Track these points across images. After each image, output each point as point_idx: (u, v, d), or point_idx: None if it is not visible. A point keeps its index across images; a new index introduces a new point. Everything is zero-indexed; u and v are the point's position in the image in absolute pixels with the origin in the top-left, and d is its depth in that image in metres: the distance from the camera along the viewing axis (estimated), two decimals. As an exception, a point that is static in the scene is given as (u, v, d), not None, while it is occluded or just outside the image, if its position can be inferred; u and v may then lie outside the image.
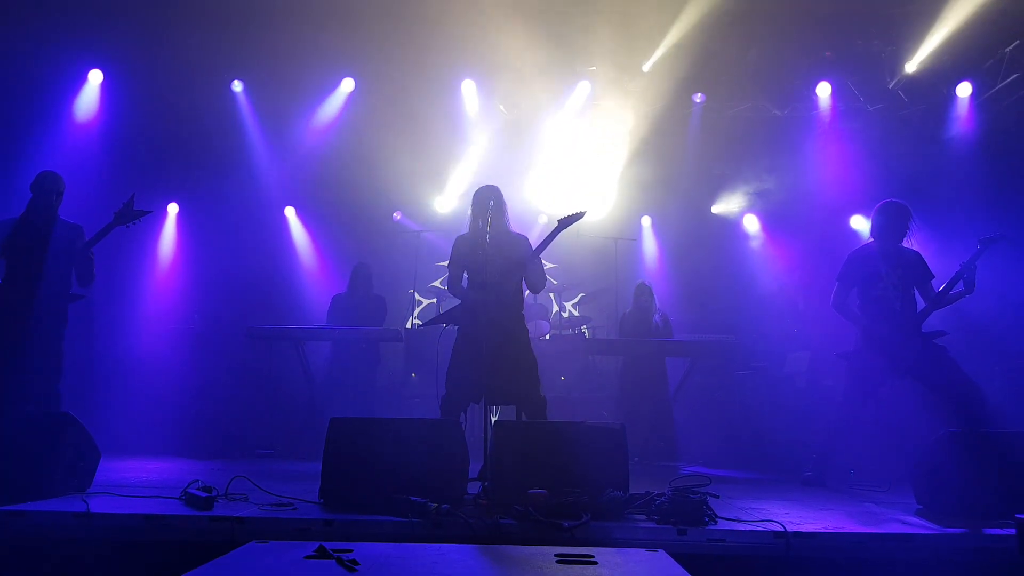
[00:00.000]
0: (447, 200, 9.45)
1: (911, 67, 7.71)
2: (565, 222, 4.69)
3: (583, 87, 8.57)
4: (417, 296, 9.61)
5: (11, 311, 4.57)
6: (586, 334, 8.84)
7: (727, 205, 9.56)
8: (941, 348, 4.76)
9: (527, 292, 4.82)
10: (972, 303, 4.95)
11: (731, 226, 9.59)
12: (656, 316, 6.93)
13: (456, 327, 4.80)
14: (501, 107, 8.92)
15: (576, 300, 9.93)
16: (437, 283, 9.63)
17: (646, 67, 8.18)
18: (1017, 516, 2.87)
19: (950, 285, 4.73)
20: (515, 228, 4.86)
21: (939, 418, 4.87)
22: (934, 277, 4.94)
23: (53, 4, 7.03)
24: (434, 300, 9.36)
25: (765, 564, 3.04)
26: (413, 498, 3.23)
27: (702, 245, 9.41)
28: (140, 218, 4.76)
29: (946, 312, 4.94)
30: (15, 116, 7.48)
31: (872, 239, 5.09)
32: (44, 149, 7.36)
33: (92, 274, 4.85)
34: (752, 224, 9.52)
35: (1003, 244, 4.71)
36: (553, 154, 9.06)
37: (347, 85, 8.53)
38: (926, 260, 5.00)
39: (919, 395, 5.07)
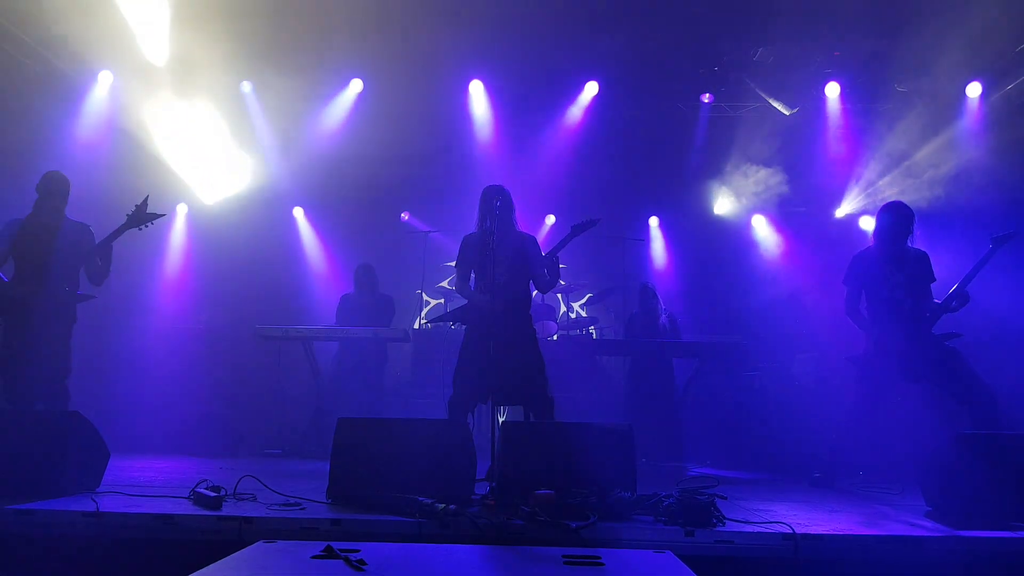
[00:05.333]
0: (455, 200, 9.46)
1: (920, 67, 7.67)
2: (579, 228, 4.69)
3: (591, 87, 8.57)
4: (425, 296, 9.63)
5: (19, 310, 4.59)
6: (593, 335, 8.83)
7: (735, 205, 9.53)
8: (953, 350, 4.73)
9: (535, 292, 4.81)
10: (981, 304, 4.92)
11: (739, 226, 9.56)
12: (663, 317, 6.91)
13: (464, 327, 4.80)
14: (509, 106, 8.93)
15: (584, 300, 9.92)
16: (445, 283, 9.64)
17: (652, 67, 8.18)
18: (1028, 519, 2.85)
19: (962, 286, 4.70)
20: (522, 228, 4.86)
21: (950, 420, 4.85)
22: (935, 280, 4.90)
23: None
24: (442, 300, 9.37)
25: (773, 566, 3.02)
26: (420, 498, 3.23)
27: (710, 245, 9.39)
28: (153, 220, 4.76)
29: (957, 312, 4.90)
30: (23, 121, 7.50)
31: (876, 240, 5.06)
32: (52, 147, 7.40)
33: (107, 271, 4.85)
34: (760, 224, 9.50)
35: (1016, 242, 4.67)
36: (561, 154, 9.05)
37: (355, 86, 8.55)
38: (935, 261, 4.96)
39: (930, 397, 5.04)
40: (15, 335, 4.59)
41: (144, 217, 4.72)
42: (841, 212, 8.98)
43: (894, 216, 4.94)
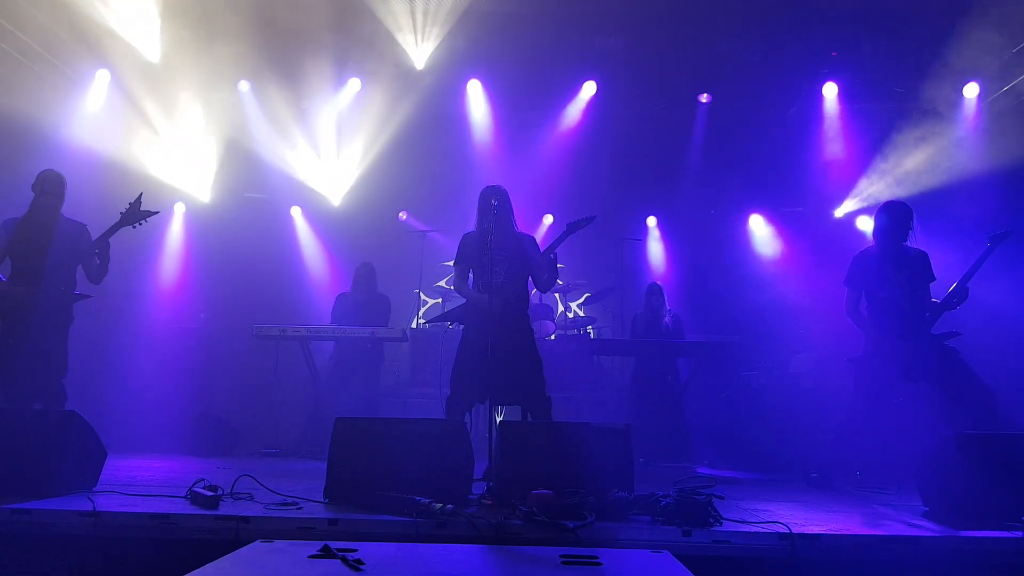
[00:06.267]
0: (453, 200, 9.45)
1: (918, 68, 7.68)
2: (574, 226, 4.69)
3: (588, 87, 8.57)
4: (422, 296, 9.62)
5: (16, 309, 4.58)
6: (591, 334, 8.84)
7: (733, 205, 9.53)
8: (952, 350, 4.73)
9: (533, 292, 4.81)
10: (979, 303, 4.93)
11: (737, 226, 9.57)
12: (667, 317, 6.91)
13: (461, 327, 4.80)
14: (507, 106, 8.92)
15: (581, 300, 9.92)
16: (442, 283, 9.64)
17: (651, 67, 8.18)
18: (1024, 518, 2.86)
19: (961, 284, 4.70)
20: (521, 228, 4.86)
21: (948, 420, 4.86)
22: (935, 280, 4.90)
23: None
24: (439, 300, 9.37)
25: (770, 566, 3.03)
26: (418, 498, 3.23)
27: (707, 245, 9.39)
28: (147, 218, 4.75)
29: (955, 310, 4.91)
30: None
31: (875, 240, 5.06)
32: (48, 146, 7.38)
33: (106, 269, 4.83)
34: (758, 224, 9.50)
35: (1013, 241, 4.68)
36: (559, 154, 9.05)
37: (353, 85, 8.54)
38: (933, 260, 4.97)
39: (928, 397, 5.05)
40: (11, 334, 4.58)
41: (138, 215, 4.70)
42: (839, 212, 8.99)
43: (892, 216, 4.93)
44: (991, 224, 4.86)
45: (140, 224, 4.75)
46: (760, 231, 9.47)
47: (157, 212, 4.81)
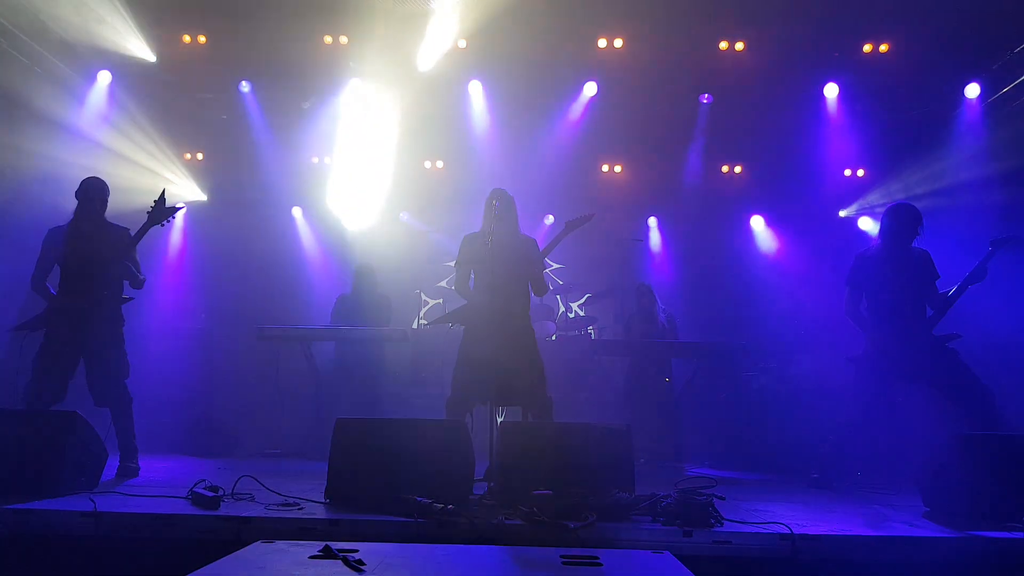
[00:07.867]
0: (453, 200, 9.44)
1: (919, 68, 7.67)
2: (572, 225, 4.69)
3: (589, 88, 8.56)
4: (423, 296, 9.62)
5: (72, 323, 4.59)
6: (592, 335, 8.83)
7: (734, 206, 9.52)
8: (952, 351, 4.73)
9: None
10: (979, 304, 4.93)
11: (738, 226, 9.56)
12: (661, 316, 6.91)
13: (462, 328, 4.80)
14: (507, 107, 8.92)
15: (582, 301, 9.92)
16: (443, 283, 9.64)
17: (651, 68, 8.18)
18: (1025, 519, 2.86)
19: (960, 290, 4.69)
20: (523, 230, 4.86)
21: (948, 421, 4.86)
22: (939, 278, 4.90)
23: None
24: (440, 300, 9.36)
25: (771, 566, 3.03)
26: (419, 498, 3.23)
27: (709, 245, 9.39)
28: (173, 215, 4.69)
29: (953, 313, 4.90)
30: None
31: (880, 241, 5.05)
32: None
33: (136, 277, 4.82)
34: (759, 224, 9.50)
35: (1014, 245, 4.68)
36: (559, 154, 9.04)
37: (354, 85, 8.54)
38: (935, 262, 4.96)
39: (928, 398, 5.05)
40: (72, 347, 4.60)
41: (164, 212, 4.64)
42: (840, 213, 8.99)
43: (899, 218, 4.92)
44: (992, 227, 4.86)
45: (167, 222, 4.69)
46: (761, 231, 9.46)
47: (183, 207, 4.77)
